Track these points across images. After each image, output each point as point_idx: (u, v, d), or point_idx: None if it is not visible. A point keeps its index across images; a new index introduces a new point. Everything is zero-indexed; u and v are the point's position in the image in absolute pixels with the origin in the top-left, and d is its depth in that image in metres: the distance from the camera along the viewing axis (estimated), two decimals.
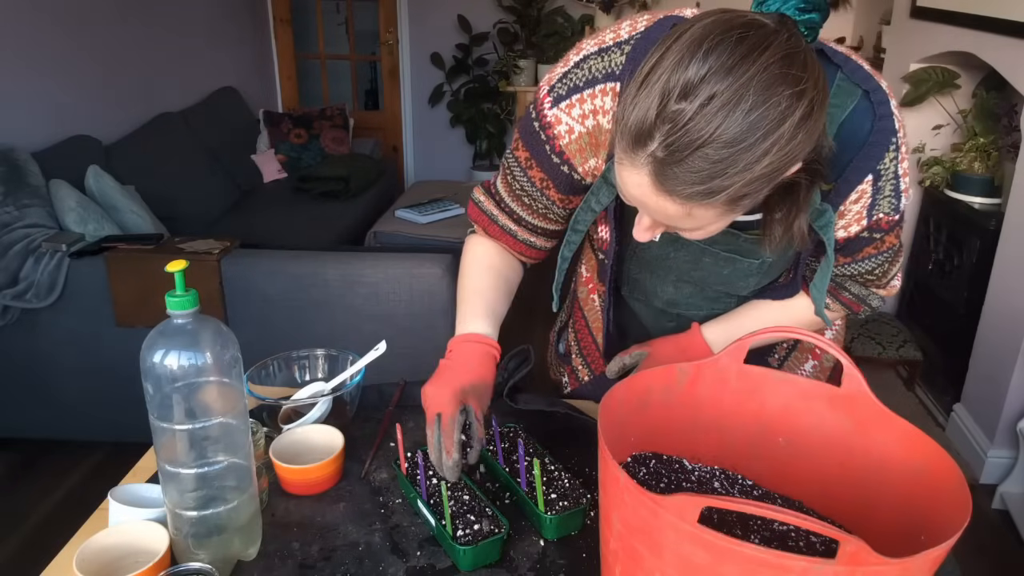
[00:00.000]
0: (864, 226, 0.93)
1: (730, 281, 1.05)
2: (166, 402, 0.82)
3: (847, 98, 0.85)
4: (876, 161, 0.87)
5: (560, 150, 0.95)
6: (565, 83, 0.92)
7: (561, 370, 1.39)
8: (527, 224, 1.08)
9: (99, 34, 3.18)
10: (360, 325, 2.32)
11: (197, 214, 3.32)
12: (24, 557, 2.10)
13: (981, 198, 2.74)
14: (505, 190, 1.07)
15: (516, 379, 1.23)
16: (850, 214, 0.92)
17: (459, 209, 3.59)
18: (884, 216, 0.92)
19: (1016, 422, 2.30)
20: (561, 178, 0.99)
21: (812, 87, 0.69)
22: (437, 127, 5.08)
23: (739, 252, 0.99)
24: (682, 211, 0.74)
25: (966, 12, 2.63)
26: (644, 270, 1.11)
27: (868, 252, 0.98)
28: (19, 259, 2.30)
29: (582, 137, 0.93)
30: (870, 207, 0.91)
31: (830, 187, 0.89)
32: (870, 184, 0.89)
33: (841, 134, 0.85)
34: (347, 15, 5.45)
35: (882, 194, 0.90)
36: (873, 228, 0.94)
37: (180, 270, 0.83)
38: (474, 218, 1.13)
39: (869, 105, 0.86)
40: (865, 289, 1.06)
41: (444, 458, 0.93)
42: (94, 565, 0.83)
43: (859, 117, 0.85)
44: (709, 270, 1.04)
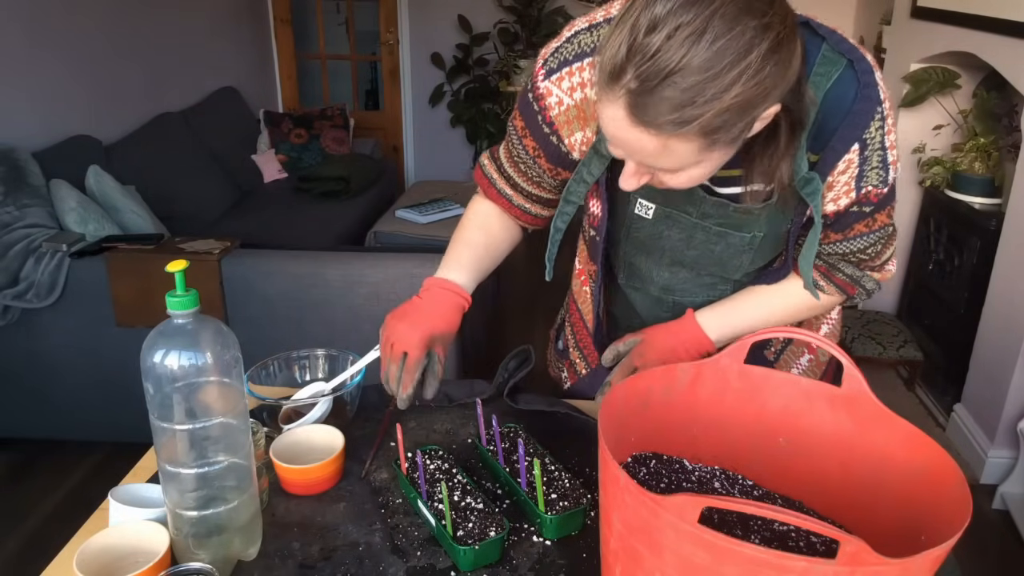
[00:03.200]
0: (853, 199, 0.93)
1: (723, 260, 1.05)
2: (166, 402, 0.82)
3: (832, 67, 0.86)
4: (862, 130, 0.88)
5: (550, 120, 0.99)
6: (557, 56, 0.96)
7: (560, 366, 1.40)
8: (523, 191, 1.12)
9: (100, 34, 3.18)
10: (360, 325, 2.32)
11: (197, 214, 3.33)
12: (24, 557, 2.10)
13: (981, 198, 2.74)
14: (505, 156, 1.11)
15: (516, 379, 1.23)
16: (838, 185, 0.92)
17: (459, 209, 3.59)
18: (873, 188, 0.92)
19: (1016, 422, 2.30)
20: (551, 148, 1.02)
21: (779, 22, 0.71)
22: (437, 127, 5.08)
23: (730, 225, 0.99)
24: (658, 144, 0.75)
25: (966, 12, 2.63)
26: (639, 252, 1.11)
27: (859, 229, 0.98)
28: (19, 259, 2.30)
29: (570, 109, 0.97)
30: (858, 178, 0.91)
31: (817, 157, 0.90)
32: (856, 153, 0.89)
33: (826, 102, 0.87)
34: (347, 15, 5.45)
35: (869, 164, 0.90)
36: (862, 201, 0.94)
37: (180, 270, 0.83)
38: (478, 180, 1.17)
39: (853, 74, 0.87)
40: (859, 270, 1.06)
41: (400, 391, 1.04)
42: (94, 565, 0.83)
43: (844, 85, 0.87)
44: (702, 248, 1.04)
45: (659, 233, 1.05)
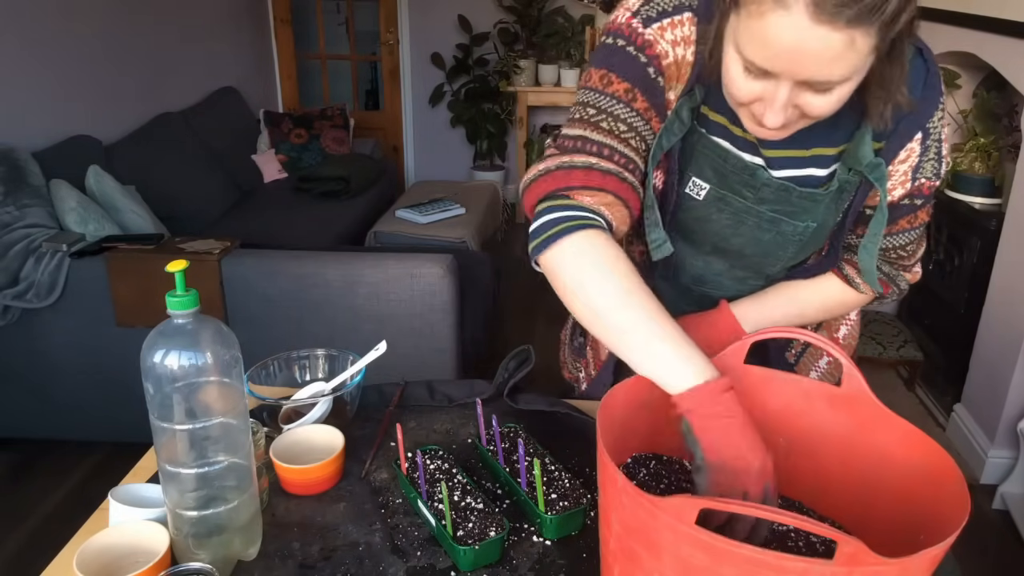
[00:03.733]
0: (907, 190, 0.94)
1: (768, 251, 1.01)
2: (166, 402, 0.82)
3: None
4: (927, 118, 0.89)
5: (662, 70, 0.90)
6: (653, 6, 0.89)
7: (577, 366, 1.35)
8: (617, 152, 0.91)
9: (100, 34, 3.18)
10: (360, 325, 2.32)
11: (197, 214, 3.33)
12: (24, 557, 2.10)
13: (981, 198, 2.74)
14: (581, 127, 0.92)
15: (516, 379, 1.23)
16: (896, 175, 0.93)
17: (459, 209, 3.59)
18: (927, 181, 0.94)
19: (1016, 422, 2.30)
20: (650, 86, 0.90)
21: None
22: (437, 127, 5.08)
23: (786, 213, 0.96)
24: (845, 40, 0.70)
25: (967, 12, 2.63)
26: (680, 236, 1.04)
27: (903, 225, 0.99)
28: (20, 259, 2.30)
29: (671, 65, 0.90)
30: (915, 168, 0.92)
31: (880, 145, 0.90)
32: (919, 143, 0.91)
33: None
34: (347, 15, 5.45)
35: (927, 156, 0.92)
36: (915, 194, 0.95)
37: (180, 270, 0.83)
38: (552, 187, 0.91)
39: (923, 62, 0.88)
40: (894, 269, 1.05)
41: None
42: (94, 565, 0.83)
43: (915, 71, 0.86)
44: (749, 235, 0.99)
45: (707, 216, 0.99)
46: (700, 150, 0.94)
